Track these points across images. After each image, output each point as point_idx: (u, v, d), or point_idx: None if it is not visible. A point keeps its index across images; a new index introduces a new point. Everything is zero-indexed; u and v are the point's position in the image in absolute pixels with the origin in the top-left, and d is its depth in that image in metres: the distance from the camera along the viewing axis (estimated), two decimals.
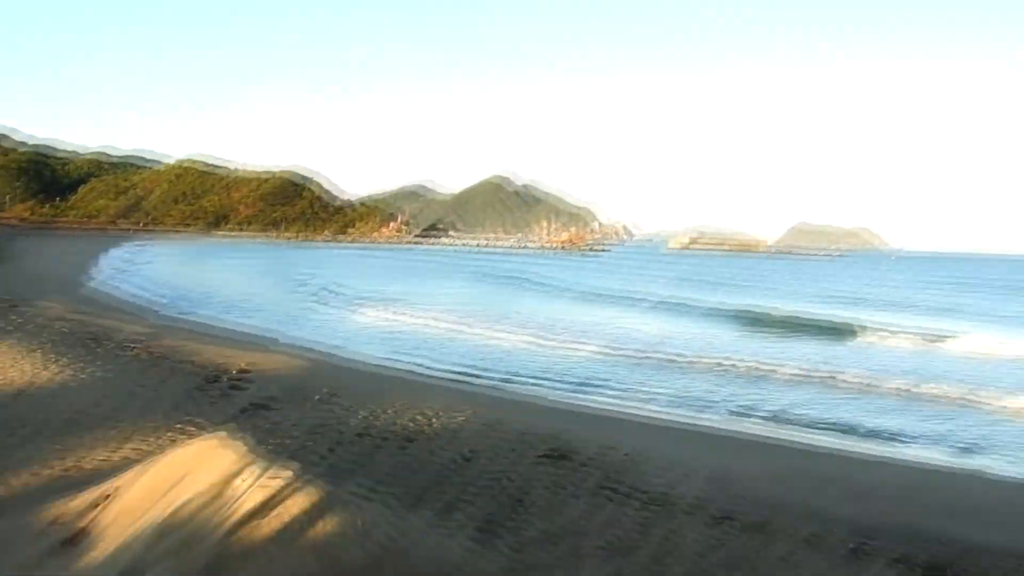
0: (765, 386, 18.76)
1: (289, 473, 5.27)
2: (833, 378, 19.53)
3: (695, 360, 21.98)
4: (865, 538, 7.80)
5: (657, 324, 32.33)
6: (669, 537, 7.02)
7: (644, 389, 17.99)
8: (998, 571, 7.08)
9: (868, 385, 18.83)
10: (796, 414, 15.82)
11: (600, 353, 22.99)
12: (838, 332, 31.05)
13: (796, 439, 13.94)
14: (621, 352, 23.02)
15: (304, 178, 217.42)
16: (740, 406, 16.44)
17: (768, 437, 14.05)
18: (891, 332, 30.24)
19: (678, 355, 22.69)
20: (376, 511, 5.90)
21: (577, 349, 23.74)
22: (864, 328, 31.21)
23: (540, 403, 15.91)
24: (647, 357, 22.28)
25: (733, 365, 21.09)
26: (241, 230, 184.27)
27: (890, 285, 74.90)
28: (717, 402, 16.79)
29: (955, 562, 7.21)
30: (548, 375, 19.40)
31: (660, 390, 17.86)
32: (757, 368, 20.78)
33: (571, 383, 18.54)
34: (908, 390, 18.26)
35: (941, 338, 28.89)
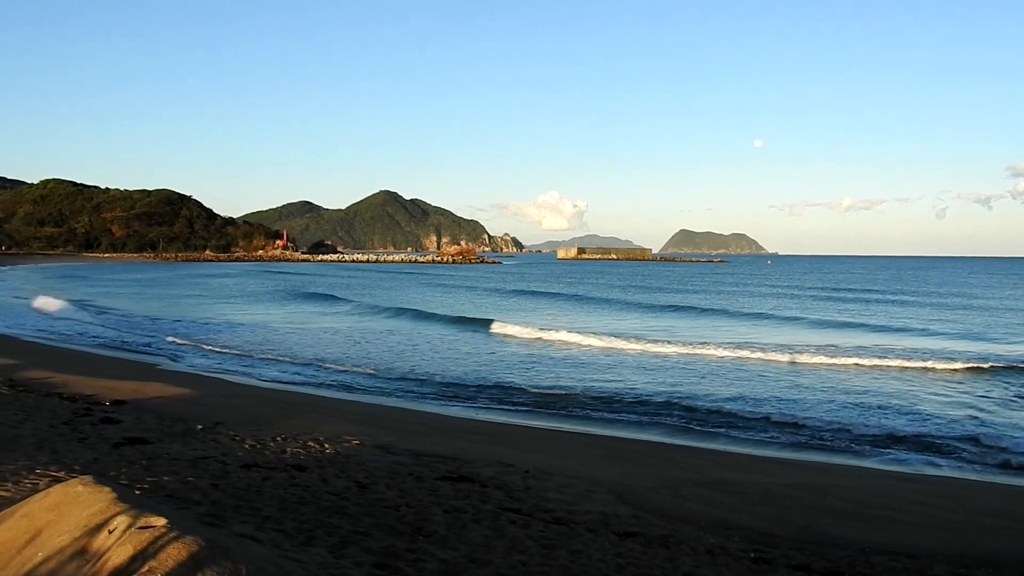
0: None
1: (163, 521, 4.74)
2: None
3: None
4: (765, 546, 7.84)
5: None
6: (575, 559, 6.82)
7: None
8: (891, 573, 7.21)
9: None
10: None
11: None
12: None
13: (685, 444, 14.14)
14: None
15: (181, 197, 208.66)
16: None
17: (659, 443, 14.19)
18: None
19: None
20: (262, 554, 5.42)
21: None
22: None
23: (434, 422, 15.53)
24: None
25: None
26: (116, 252, 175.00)
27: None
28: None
29: (852, 566, 7.32)
30: None
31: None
32: None
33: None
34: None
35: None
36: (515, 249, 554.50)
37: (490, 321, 36.13)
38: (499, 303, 54.43)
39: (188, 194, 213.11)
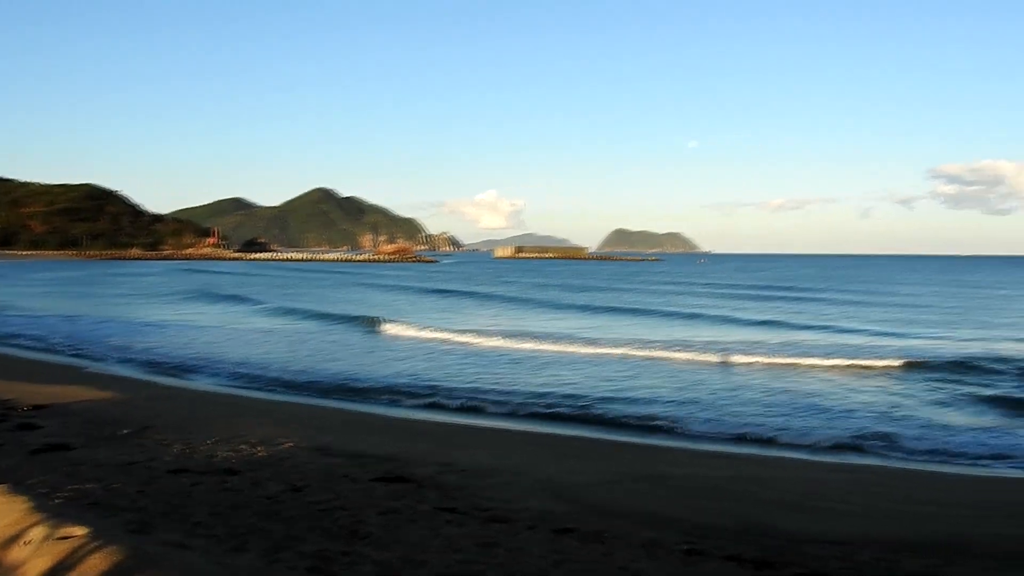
0: None
1: (84, 530, 4.57)
2: None
3: None
4: (699, 538, 7.97)
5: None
6: (512, 557, 6.82)
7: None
8: (820, 560, 7.42)
9: None
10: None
11: None
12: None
13: (619, 439, 14.32)
14: None
15: (107, 192, 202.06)
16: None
17: (600, 439, 14.33)
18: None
19: None
20: (191, 561, 5.27)
21: None
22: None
23: (372, 422, 15.39)
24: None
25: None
26: (36, 249, 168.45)
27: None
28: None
29: (783, 554, 7.50)
30: None
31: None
32: None
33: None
34: None
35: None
36: (453, 248, 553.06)
37: (412, 324, 35.34)
38: (437, 304, 54.14)
39: (114, 189, 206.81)
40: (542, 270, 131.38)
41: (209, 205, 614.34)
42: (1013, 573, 7.67)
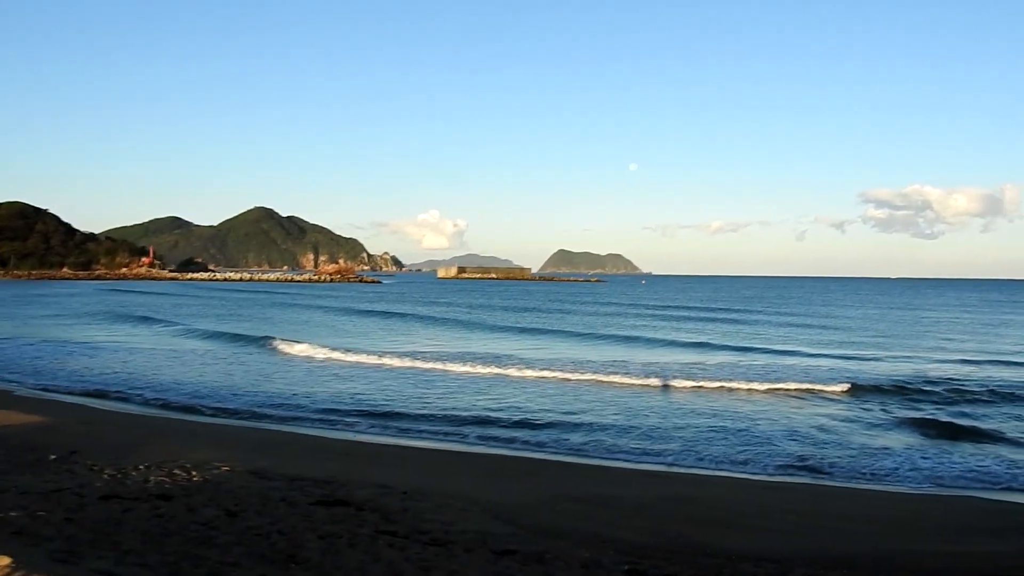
0: None
1: (6, 560, 4.42)
2: None
3: None
4: (638, 558, 8.06)
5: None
6: None
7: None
8: None
9: None
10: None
11: None
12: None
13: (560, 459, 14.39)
14: None
15: (36, 210, 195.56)
16: None
17: (539, 460, 14.37)
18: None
19: None
20: None
21: None
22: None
23: (310, 444, 15.16)
24: None
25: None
26: None
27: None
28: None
29: (719, 572, 7.64)
30: None
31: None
32: None
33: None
34: None
35: None
36: (395, 268, 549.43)
37: (352, 345, 34.81)
38: (380, 324, 53.55)
39: (44, 207, 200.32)
40: (485, 291, 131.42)
41: (144, 223, 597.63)
42: None
